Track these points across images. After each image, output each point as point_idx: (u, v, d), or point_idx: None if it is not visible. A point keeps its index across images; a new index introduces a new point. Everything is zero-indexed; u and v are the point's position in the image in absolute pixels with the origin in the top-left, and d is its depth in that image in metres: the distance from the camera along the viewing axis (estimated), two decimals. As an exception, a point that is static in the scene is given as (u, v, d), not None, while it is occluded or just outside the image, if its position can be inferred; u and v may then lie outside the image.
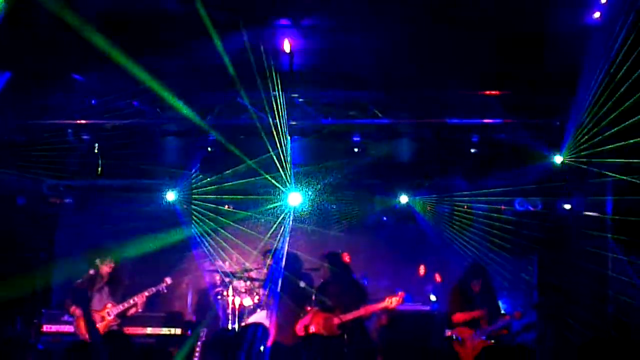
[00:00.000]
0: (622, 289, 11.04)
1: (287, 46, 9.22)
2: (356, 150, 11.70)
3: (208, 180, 13.07)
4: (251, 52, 8.93)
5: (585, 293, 12.18)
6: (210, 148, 11.69)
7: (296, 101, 10.81)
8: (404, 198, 13.32)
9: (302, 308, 11.70)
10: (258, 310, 12.31)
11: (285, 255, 12.39)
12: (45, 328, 12.21)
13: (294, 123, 11.13)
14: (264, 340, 9.46)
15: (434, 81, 10.05)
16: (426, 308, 12.92)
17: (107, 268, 10.95)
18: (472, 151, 11.49)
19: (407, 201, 13.37)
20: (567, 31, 8.59)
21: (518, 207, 12.95)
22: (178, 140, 11.88)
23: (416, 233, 13.66)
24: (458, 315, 11.10)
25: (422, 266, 14.16)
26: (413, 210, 13.39)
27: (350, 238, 13.95)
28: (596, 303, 11.63)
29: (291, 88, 10.44)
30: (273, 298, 11.97)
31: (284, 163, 11.86)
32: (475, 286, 11.24)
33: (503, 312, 11.74)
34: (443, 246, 13.46)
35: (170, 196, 12.90)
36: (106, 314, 10.71)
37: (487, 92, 10.44)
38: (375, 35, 8.99)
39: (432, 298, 13.58)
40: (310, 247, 13.60)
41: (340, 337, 10.61)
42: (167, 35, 8.83)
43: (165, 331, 12.11)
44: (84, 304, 8.70)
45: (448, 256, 13.42)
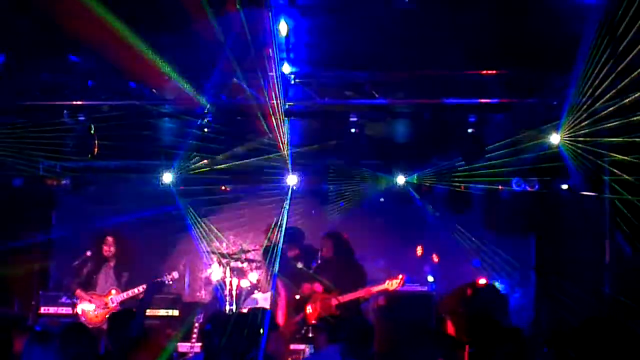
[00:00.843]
0: (619, 270, 11.05)
1: (284, 26, 9.16)
2: (353, 130, 11.66)
3: (204, 161, 13.04)
4: (248, 32, 8.87)
5: (582, 273, 12.19)
6: (206, 129, 11.65)
7: (292, 82, 10.76)
8: (401, 178, 13.29)
9: (299, 288, 11.74)
10: (255, 292, 12.32)
11: (283, 235, 12.37)
12: (42, 310, 12.23)
13: (291, 104, 11.09)
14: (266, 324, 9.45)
15: (431, 61, 10.00)
16: (424, 289, 12.92)
17: (112, 248, 10.90)
18: (469, 131, 11.45)
19: (405, 182, 13.34)
20: (566, 7, 8.54)
21: (515, 187, 12.94)
22: (174, 121, 11.84)
23: (414, 214, 13.65)
24: None
25: (420, 247, 14.17)
26: (410, 190, 13.36)
27: (347, 219, 13.94)
28: (593, 283, 11.64)
29: (287, 68, 10.39)
30: (271, 279, 11.96)
31: (281, 144, 11.84)
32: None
33: None
34: (440, 227, 13.46)
35: (166, 177, 12.85)
36: (110, 301, 10.71)
37: (484, 72, 10.40)
38: (371, 14, 8.93)
39: (430, 279, 13.58)
40: (307, 228, 13.58)
41: (337, 317, 10.62)
42: (164, 13, 8.76)
43: (162, 313, 12.12)
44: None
45: (446, 237, 13.43)
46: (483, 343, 7.11)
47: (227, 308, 12.05)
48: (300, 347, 11.27)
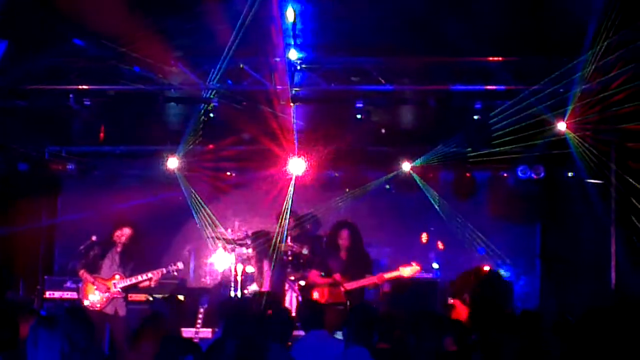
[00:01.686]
0: (625, 258, 11.05)
1: (291, 11, 9.13)
2: (359, 116, 11.63)
3: (210, 146, 13.04)
4: (254, 17, 8.84)
5: (587, 261, 12.20)
6: (212, 114, 11.64)
7: (299, 67, 10.73)
8: (407, 165, 13.27)
9: (303, 275, 11.76)
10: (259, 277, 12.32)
11: (287, 221, 12.37)
12: (47, 294, 12.27)
13: (297, 89, 11.07)
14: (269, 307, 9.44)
15: (437, 47, 9.97)
16: (429, 276, 12.93)
17: (124, 237, 10.89)
18: (475, 118, 11.42)
19: (410, 169, 13.31)
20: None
21: (521, 175, 12.92)
22: (180, 106, 11.82)
23: (419, 201, 13.63)
24: None
25: (425, 234, 14.16)
26: (416, 177, 13.33)
27: (353, 206, 13.95)
28: (598, 271, 11.64)
29: (294, 54, 10.36)
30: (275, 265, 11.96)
31: (287, 130, 11.82)
32: None
33: None
34: (445, 214, 13.43)
35: (172, 162, 12.84)
36: (112, 285, 10.70)
37: (491, 58, 10.37)
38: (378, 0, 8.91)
39: (435, 266, 13.59)
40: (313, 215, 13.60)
41: (344, 305, 10.64)
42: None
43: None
44: None
45: (450, 224, 13.42)
46: (487, 329, 7.11)
47: (232, 294, 12.06)
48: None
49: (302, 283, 11.87)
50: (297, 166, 12.62)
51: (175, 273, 11.26)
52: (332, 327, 8.58)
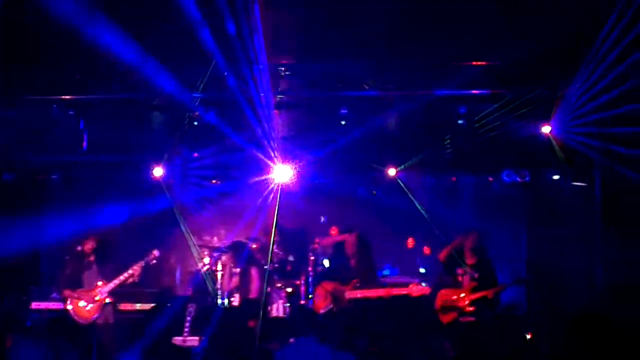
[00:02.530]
0: (611, 262, 11.07)
1: (273, 17, 9.12)
2: (343, 123, 11.64)
3: (194, 154, 13.01)
4: (236, 24, 8.83)
5: (573, 265, 12.21)
6: (196, 122, 11.61)
7: (282, 74, 10.73)
8: (392, 171, 13.27)
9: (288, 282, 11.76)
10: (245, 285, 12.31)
11: (274, 229, 12.35)
12: (34, 305, 12.19)
13: (281, 96, 11.07)
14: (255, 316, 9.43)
15: (422, 52, 9.98)
16: (415, 281, 12.91)
17: (90, 245, 10.85)
18: (460, 122, 11.45)
19: (395, 174, 13.31)
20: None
21: (506, 179, 12.95)
22: (164, 114, 11.79)
23: (405, 206, 13.62)
24: None
25: (411, 239, 14.17)
26: (401, 182, 13.34)
27: (339, 211, 13.94)
28: (585, 275, 11.66)
29: (277, 60, 10.36)
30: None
31: (271, 137, 11.81)
32: None
33: None
34: (431, 219, 13.43)
35: (157, 171, 12.80)
36: (98, 293, 10.64)
37: (475, 63, 10.39)
38: (362, 5, 8.91)
39: (421, 270, 13.59)
40: (297, 222, 13.60)
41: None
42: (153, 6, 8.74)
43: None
44: None
45: (437, 229, 13.41)
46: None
47: (219, 302, 12.03)
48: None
49: (289, 290, 11.87)
50: (283, 173, 12.59)
51: (154, 261, 11.17)
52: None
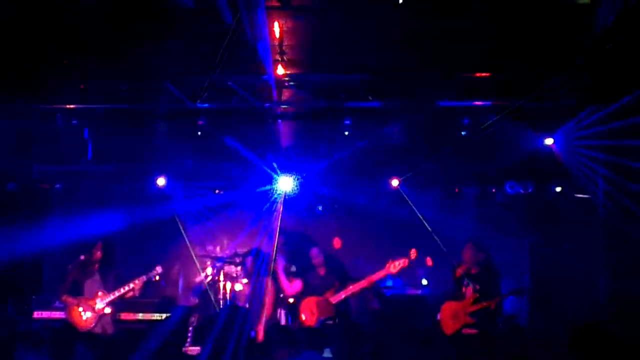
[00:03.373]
0: (615, 273, 11.05)
1: (277, 28, 9.13)
2: (347, 133, 11.65)
3: (198, 164, 13.01)
4: (241, 35, 8.84)
5: (577, 276, 12.19)
6: (200, 132, 11.62)
7: (286, 84, 10.74)
8: (395, 181, 13.26)
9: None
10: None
11: (277, 239, 12.34)
12: (35, 314, 12.17)
13: (285, 107, 11.08)
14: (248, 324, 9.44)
15: (425, 63, 9.99)
16: (418, 292, 12.91)
17: (99, 253, 10.86)
18: (463, 133, 11.44)
19: (398, 185, 13.30)
20: (561, 7, 8.51)
21: (509, 190, 12.93)
22: (168, 124, 11.80)
23: (407, 217, 13.60)
24: None
25: (414, 250, 14.12)
26: (404, 193, 13.32)
27: (341, 222, 13.93)
28: (588, 286, 11.64)
29: (281, 71, 10.36)
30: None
31: (275, 147, 11.82)
32: None
33: None
34: (434, 230, 13.41)
35: (160, 181, 12.81)
36: (97, 303, 10.63)
37: (478, 74, 10.39)
38: (366, 17, 8.92)
39: (424, 282, 13.57)
40: (301, 232, 13.58)
41: (333, 319, 10.64)
42: (158, 18, 8.75)
43: (157, 317, 12.07)
44: None
45: (439, 240, 13.38)
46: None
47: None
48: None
49: (291, 301, 11.85)
50: (286, 183, 12.60)
51: (157, 277, 11.17)
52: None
